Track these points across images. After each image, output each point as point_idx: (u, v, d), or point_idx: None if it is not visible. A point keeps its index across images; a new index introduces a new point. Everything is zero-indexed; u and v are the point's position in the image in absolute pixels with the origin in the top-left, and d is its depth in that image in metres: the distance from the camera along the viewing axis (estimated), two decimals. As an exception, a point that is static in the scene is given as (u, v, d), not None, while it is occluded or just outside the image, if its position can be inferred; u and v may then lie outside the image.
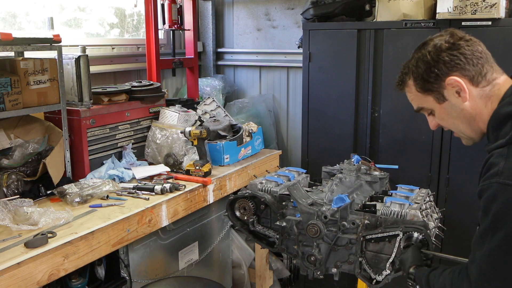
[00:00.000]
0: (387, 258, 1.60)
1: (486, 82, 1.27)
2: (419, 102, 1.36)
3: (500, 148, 1.18)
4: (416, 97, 1.36)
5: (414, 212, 1.62)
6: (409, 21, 2.38)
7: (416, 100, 1.37)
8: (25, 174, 2.03)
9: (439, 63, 1.27)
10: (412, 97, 1.38)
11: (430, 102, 1.33)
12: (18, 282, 1.47)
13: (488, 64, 1.28)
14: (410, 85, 1.36)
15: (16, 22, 2.54)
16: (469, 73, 1.26)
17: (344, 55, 2.61)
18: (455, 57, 1.26)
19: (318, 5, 2.67)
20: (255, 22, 3.54)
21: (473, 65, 1.25)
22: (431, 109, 1.36)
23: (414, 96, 1.37)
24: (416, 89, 1.34)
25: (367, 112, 2.59)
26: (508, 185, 1.13)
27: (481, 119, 1.29)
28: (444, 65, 1.26)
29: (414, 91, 1.35)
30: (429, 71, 1.28)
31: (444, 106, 1.31)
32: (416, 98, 1.36)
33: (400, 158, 2.47)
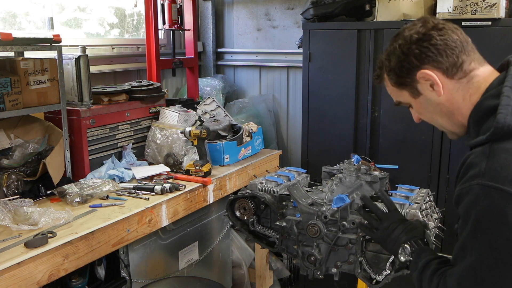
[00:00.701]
0: (387, 258, 1.60)
1: (462, 73, 1.18)
2: (396, 96, 1.32)
3: (480, 146, 1.08)
4: (392, 91, 1.32)
5: (414, 212, 1.62)
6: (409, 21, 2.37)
7: (394, 94, 1.33)
8: (25, 174, 2.03)
9: (409, 56, 1.20)
10: (390, 91, 1.34)
11: (405, 96, 1.28)
12: (18, 282, 1.47)
13: (464, 53, 1.18)
14: (385, 79, 1.31)
15: (16, 22, 2.54)
16: (442, 65, 1.17)
17: (344, 55, 2.61)
18: (426, 48, 1.17)
19: (318, 5, 2.67)
20: (255, 22, 3.55)
21: (446, 56, 1.17)
22: (407, 103, 1.31)
23: (391, 90, 1.32)
24: (391, 83, 1.29)
25: (367, 112, 2.59)
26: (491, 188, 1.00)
27: (459, 113, 1.20)
28: (415, 58, 1.19)
29: (390, 86, 1.31)
30: (400, 65, 1.22)
31: (419, 100, 1.25)
32: (393, 92, 1.32)
33: (400, 158, 2.47)
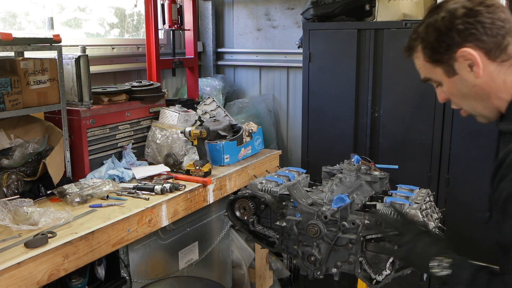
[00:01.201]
0: (387, 258, 1.60)
1: (506, 56, 1.10)
2: (426, 72, 1.22)
3: None
4: (424, 66, 1.21)
5: (414, 212, 1.62)
6: (409, 21, 2.38)
7: (424, 69, 1.22)
8: (25, 174, 2.03)
9: (452, 31, 1.11)
10: (419, 65, 1.23)
11: (438, 74, 1.18)
12: (18, 282, 1.47)
13: (510, 35, 1.09)
14: (418, 53, 1.21)
15: (16, 22, 2.54)
16: (486, 45, 1.09)
17: (344, 55, 2.61)
18: (471, 25, 1.08)
19: (318, 5, 2.67)
20: (255, 22, 3.55)
21: (491, 36, 1.08)
22: (439, 81, 1.21)
23: (422, 65, 1.22)
24: (424, 58, 1.19)
25: (367, 112, 2.59)
26: None
27: (496, 97, 1.14)
28: (458, 34, 1.10)
29: (422, 60, 1.20)
30: (440, 40, 1.13)
31: (454, 80, 1.16)
32: (424, 68, 1.22)
33: (400, 158, 2.47)
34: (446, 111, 2.36)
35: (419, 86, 2.41)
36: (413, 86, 2.43)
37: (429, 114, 2.40)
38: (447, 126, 2.37)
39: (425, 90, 2.39)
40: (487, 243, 2.36)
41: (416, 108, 2.43)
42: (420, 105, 2.42)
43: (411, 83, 2.43)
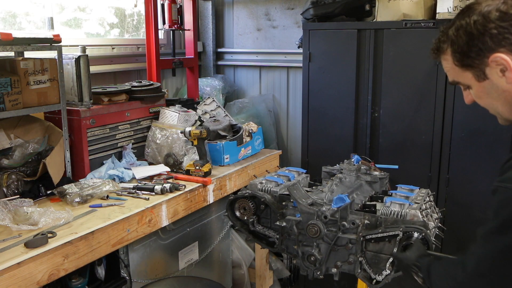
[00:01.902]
0: (387, 258, 1.60)
1: None
2: (455, 75, 1.18)
3: None
4: (452, 69, 1.18)
5: (414, 212, 1.62)
6: (409, 21, 2.38)
7: (453, 72, 1.19)
8: (25, 174, 2.03)
9: (484, 36, 1.07)
10: (448, 68, 1.20)
11: (468, 78, 1.15)
12: (18, 282, 1.47)
13: None
14: (447, 56, 1.17)
15: (16, 22, 2.54)
16: None
17: (344, 55, 2.61)
18: (505, 30, 1.05)
19: (318, 5, 2.67)
20: (255, 22, 3.55)
21: None
22: (466, 85, 1.18)
23: (451, 68, 1.18)
24: (454, 61, 1.16)
25: (367, 112, 2.59)
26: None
27: None
28: (491, 39, 1.07)
29: (451, 63, 1.17)
30: (472, 44, 1.09)
31: (483, 85, 1.13)
32: (453, 71, 1.18)
33: (400, 158, 2.47)
34: (446, 111, 2.36)
35: (419, 86, 2.41)
36: (413, 86, 2.43)
37: (429, 114, 2.40)
38: (447, 126, 2.37)
39: (425, 90, 2.39)
40: (487, 243, 2.36)
41: (416, 108, 2.43)
42: (420, 105, 2.42)
43: (411, 83, 2.43)
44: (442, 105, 2.36)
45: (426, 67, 2.36)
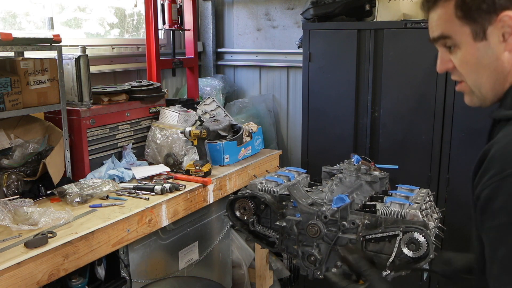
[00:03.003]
0: (387, 258, 1.60)
1: None
2: (448, 28, 1.01)
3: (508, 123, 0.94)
4: (447, 21, 1.01)
5: (414, 212, 1.62)
6: (409, 21, 2.38)
7: (446, 25, 1.01)
8: (25, 174, 2.03)
9: None
10: (440, 18, 1.02)
11: (464, 34, 0.99)
12: (18, 282, 1.47)
13: None
14: (449, 2, 0.99)
15: (16, 22, 2.54)
16: None
17: (344, 55, 2.61)
18: None
19: (318, 5, 2.67)
20: (255, 22, 3.55)
21: None
22: (456, 44, 1.01)
23: (446, 19, 1.01)
24: (456, 12, 0.98)
25: (367, 112, 2.59)
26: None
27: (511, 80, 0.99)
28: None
29: (450, 13, 1.00)
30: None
31: (478, 46, 0.98)
32: (446, 23, 1.01)
33: (400, 158, 2.47)
34: (446, 111, 2.36)
35: (419, 86, 2.41)
36: (413, 86, 2.43)
37: (429, 114, 2.40)
38: (447, 126, 2.37)
39: (425, 90, 2.39)
40: (487, 243, 2.36)
41: (416, 108, 2.43)
42: (420, 105, 2.42)
43: (411, 83, 2.43)
44: (442, 105, 2.36)
45: (426, 67, 2.36)
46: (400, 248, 1.57)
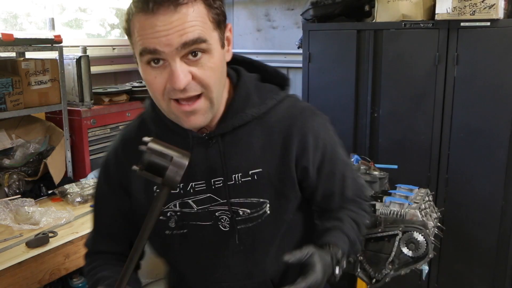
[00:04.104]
0: (386, 257, 1.61)
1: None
2: (204, 32, 0.89)
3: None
4: (204, 23, 0.89)
5: (414, 212, 1.63)
6: (408, 22, 2.39)
7: (202, 27, 0.88)
8: (26, 174, 2.04)
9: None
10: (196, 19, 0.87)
11: (214, 39, 0.91)
12: (20, 281, 1.48)
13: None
14: (197, 3, 0.88)
15: (17, 23, 2.55)
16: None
17: (343, 55, 2.61)
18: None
19: (318, 6, 2.68)
20: (255, 22, 3.55)
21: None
22: (209, 49, 0.90)
23: (202, 21, 0.88)
24: (208, 14, 0.90)
25: (366, 113, 2.59)
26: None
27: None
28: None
29: (203, 15, 0.89)
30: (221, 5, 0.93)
31: (222, 53, 0.95)
32: (203, 25, 0.89)
33: (399, 158, 2.48)
34: (445, 111, 2.37)
35: (418, 86, 2.42)
36: (412, 86, 2.43)
37: (428, 114, 2.41)
38: (446, 126, 2.38)
39: (424, 90, 2.40)
40: (486, 243, 2.37)
41: (415, 108, 2.44)
42: (419, 105, 2.43)
43: (411, 83, 2.43)
44: (441, 105, 2.37)
45: (425, 67, 2.37)
46: (400, 248, 1.59)
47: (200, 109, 0.93)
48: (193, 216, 1.05)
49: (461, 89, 2.30)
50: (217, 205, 1.04)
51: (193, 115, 0.93)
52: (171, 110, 0.94)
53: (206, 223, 1.05)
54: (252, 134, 1.03)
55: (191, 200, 1.05)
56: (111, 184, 1.11)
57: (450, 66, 2.30)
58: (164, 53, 0.87)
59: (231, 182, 1.03)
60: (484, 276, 2.41)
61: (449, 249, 2.45)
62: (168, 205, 1.06)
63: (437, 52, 2.31)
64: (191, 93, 0.91)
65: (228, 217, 1.05)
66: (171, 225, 1.07)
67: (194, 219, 1.05)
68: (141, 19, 0.87)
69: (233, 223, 1.05)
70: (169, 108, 0.94)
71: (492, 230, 2.33)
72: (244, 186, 1.03)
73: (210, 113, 0.96)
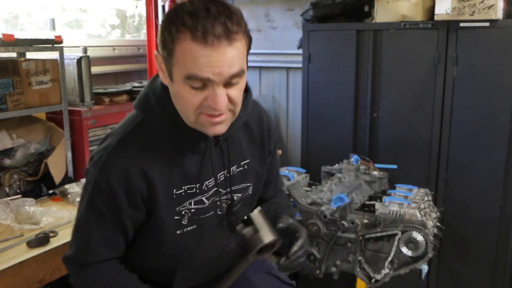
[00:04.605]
0: (386, 257, 1.61)
1: None
2: (243, 64, 1.03)
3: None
4: (244, 57, 1.03)
5: (413, 212, 1.64)
6: (408, 22, 2.39)
7: (242, 60, 1.03)
8: (27, 174, 2.05)
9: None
10: (239, 54, 1.00)
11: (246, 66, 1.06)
12: (21, 280, 1.49)
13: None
14: (242, 39, 1.02)
15: (18, 23, 2.55)
16: None
17: (343, 56, 2.62)
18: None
19: (318, 6, 2.68)
20: (255, 23, 3.56)
21: None
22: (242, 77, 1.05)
23: (243, 55, 1.03)
24: (247, 49, 1.05)
25: (366, 113, 2.60)
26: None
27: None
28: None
29: (243, 50, 1.03)
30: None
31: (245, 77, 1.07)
32: (243, 58, 1.03)
33: (399, 158, 2.48)
34: (445, 111, 2.37)
35: (418, 87, 2.42)
36: (412, 87, 2.44)
37: (427, 114, 2.41)
38: (445, 126, 2.38)
39: (423, 91, 2.41)
40: (485, 242, 2.37)
41: (415, 108, 2.45)
42: (419, 105, 2.43)
43: (410, 83, 2.44)
44: (441, 105, 2.37)
45: (425, 67, 2.38)
46: (399, 247, 1.59)
47: (225, 120, 1.07)
48: (204, 210, 1.17)
49: (461, 89, 2.31)
50: (221, 195, 1.19)
51: (219, 125, 1.06)
52: (199, 121, 1.05)
53: (211, 213, 1.19)
54: (239, 133, 1.22)
55: (204, 197, 1.17)
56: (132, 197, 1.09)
57: (449, 66, 2.30)
58: (214, 81, 0.98)
59: (230, 173, 1.20)
60: (483, 276, 2.41)
61: (449, 248, 2.46)
62: (184, 204, 1.14)
63: (437, 53, 2.32)
64: (224, 111, 1.04)
65: (226, 204, 1.22)
66: (184, 223, 1.15)
67: (204, 212, 1.17)
68: (195, 47, 0.95)
69: (230, 207, 1.22)
70: (197, 119, 1.05)
71: (491, 230, 2.34)
72: (238, 175, 1.22)
73: (230, 123, 1.10)
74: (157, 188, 1.09)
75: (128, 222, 1.12)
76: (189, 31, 0.95)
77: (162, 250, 1.17)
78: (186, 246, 1.17)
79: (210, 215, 1.18)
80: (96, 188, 1.09)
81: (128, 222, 1.12)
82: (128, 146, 1.09)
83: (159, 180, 1.09)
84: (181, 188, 1.12)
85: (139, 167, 1.08)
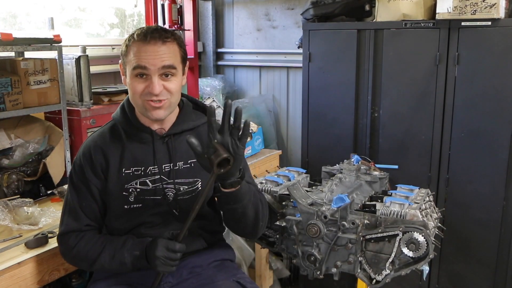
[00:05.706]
0: (386, 258, 1.61)
1: None
2: (175, 61, 1.45)
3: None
4: (176, 56, 1.45)
5: (414, 212, 1.63)
6: (409, 21, 2.39)
7: (174, 58, 1.44)
8: (25, 174, 2.04)
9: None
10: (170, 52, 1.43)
11: (180, 69, 1.47)
12: (19, 281, 1.48)
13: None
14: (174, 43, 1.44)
15: (17, 22, 2.54)
16: None
17: (344, 55, 2.61)
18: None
19: (318, 5, 2.67)
20: (255, 22, 3.55)
21: None
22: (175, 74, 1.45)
23: (174, 55, 1.44)
24: (180, 52, 1.47)
25: (367, 112, 2.59)
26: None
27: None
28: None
29: (177, 51, 1.45)
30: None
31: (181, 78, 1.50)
32: (175, 57, 1.44)
33: (399, 158, 2.48)
34: (446, 111, 2.36)
35: (419, 86, 2.41)
36: (413, 86, 2.43)
37: (428, 114, 2.40)
38: (446, 126, 2.37)
39: (424, 90, 2.40)
40: (487, 243, 2.36)
41: (416, 108, 2.44)
42: (420, 105, 2.42)
43: (411, 83, 2.43)
44: (442, 105, 2.36)
45: (425, 67, 2.37)
46: (400, 248, 1.58)
47: (163, 107, 1.44)
48: (149, 192, 1.50)
49: (462, 88, 2.30)
50: (166, 184, 1.50)
51: (158, 110, 1.43)
52: (144, 106, 1.43)
53: (158, 197, 1.50)
54: (190, 137, 1.38)
55: (148, 179, 1.49)
56: (94, 168, 1.49)
57: (450, 65, 2.29)
58: (150, 69, 1.39)
59: (176, 167, 1.51)
60: (485, 277, 2.40)
61: (450, 249, 2.45)
62: (131, 183, 1.49)
63: (438, 52, 2.31)
64: (161, 97, 1.42)
65: (172, 193, 1.51)
66: (130, 200, 1.49)
67: (150, 194, 1.50)
68: (139, 45, 1.40)
69: (175, 196, 1.51)
70: (143, 104, 1.43)
71: (493, 231, 2.33)
72: (185, 170, 1.52)
73: (168, 111, 1.47)
74: (111, 165, 1.48)
75: (95, 191, 1.50)
76: (137, 38, 1.40)
77: (119, 222, 1.52)
78: (133, 221, 1.51)
79: (158, 199, 1.50)
80: (73, 169, 1.53)
81: (95, 191, 1.50)
82: (97, 137, 1.54)
83: (113, 160, 1.49)
84: (129, 169, 1.49)
85: (100, 148, 1.50)
